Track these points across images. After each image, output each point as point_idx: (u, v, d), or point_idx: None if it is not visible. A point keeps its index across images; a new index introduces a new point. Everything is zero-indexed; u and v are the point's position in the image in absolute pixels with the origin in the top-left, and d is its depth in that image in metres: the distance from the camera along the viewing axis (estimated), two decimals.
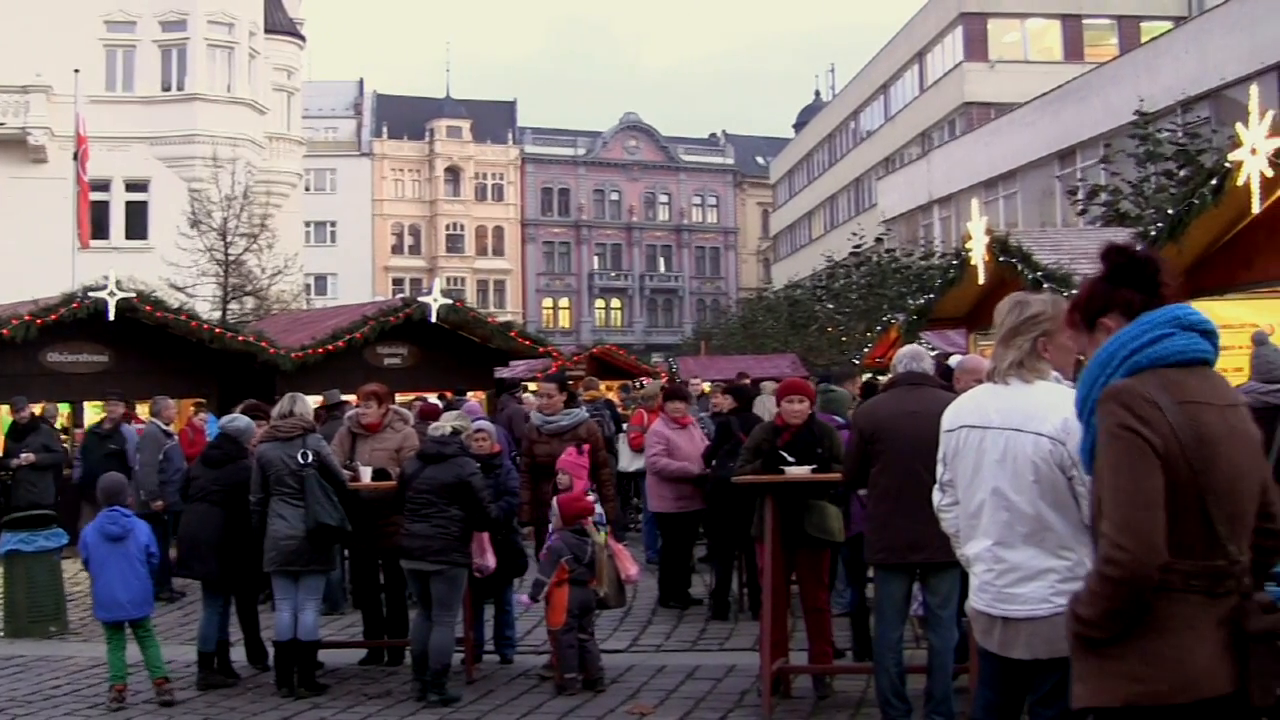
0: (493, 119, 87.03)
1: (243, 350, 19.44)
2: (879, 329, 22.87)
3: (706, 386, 21.26)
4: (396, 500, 9.46)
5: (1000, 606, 4.81)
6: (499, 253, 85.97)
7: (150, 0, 39.72)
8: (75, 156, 30.27)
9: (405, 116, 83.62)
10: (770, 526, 8.40)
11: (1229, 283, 11.90)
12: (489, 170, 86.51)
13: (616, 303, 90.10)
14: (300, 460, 9.46)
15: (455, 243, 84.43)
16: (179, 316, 19.02)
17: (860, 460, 7.42)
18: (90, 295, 17.95)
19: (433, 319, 21.14)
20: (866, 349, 21.81)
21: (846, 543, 9.00)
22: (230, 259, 33.02)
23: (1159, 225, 11.53)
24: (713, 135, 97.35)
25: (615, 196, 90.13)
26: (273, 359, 19.38)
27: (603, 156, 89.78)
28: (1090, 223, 26.65)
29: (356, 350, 20.62)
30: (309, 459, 9.48)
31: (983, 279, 15.75)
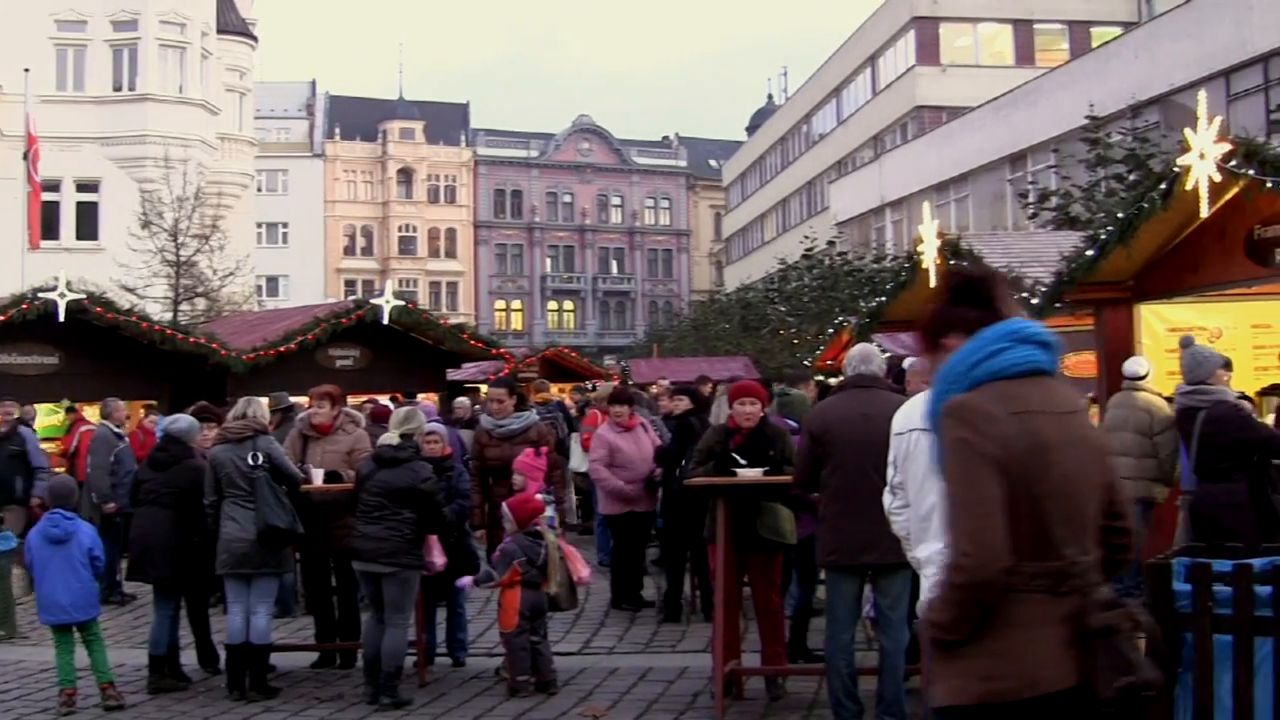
0: (446, 121, 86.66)
1: (194, 352, 19.27)
2: (831, 332, 22.88)
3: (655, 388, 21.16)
4: (349, 502, 9.44)
5: None
6: (451, 255, 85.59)
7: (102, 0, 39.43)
8: (26, 156, 30.03)
9: (358, 118, 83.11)
10: (722, 528, 8.43)
11: (1176, 286, 12.03)
12: (441, 172, 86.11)
13: (569, 305, 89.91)
14: (250, 462, 9.43)
15: (408, 244, 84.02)
16: (130, 318, 18.82)
17: (811, 462, 7.46)
18: (40, 296, 17.71)
19: (385, 321, 21.04)
20: (819, 351, 21.84)
21: (796, 545, 9.04)
22: (182, 260, 32.86)
23: (1109, 229, 11.60)
24: (666, 138, 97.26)
25: (568, 199, 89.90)
26: (224, 361, 19.22)
27: (556, 159, 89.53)
28: (1041, 226, 26.77)
29: (309, 352, 20.49)
30: (259, 460, 9.44)
31: (934, 282, 15.83)
